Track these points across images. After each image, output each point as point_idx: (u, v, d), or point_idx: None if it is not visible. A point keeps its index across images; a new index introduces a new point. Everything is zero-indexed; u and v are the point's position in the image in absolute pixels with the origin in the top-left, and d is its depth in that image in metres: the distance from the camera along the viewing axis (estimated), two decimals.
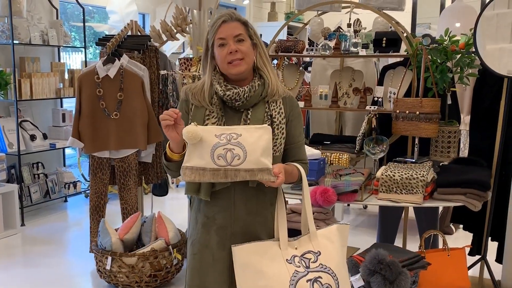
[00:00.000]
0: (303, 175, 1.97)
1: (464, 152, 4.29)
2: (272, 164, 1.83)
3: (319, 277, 1.85)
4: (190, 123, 1.81)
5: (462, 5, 4.98)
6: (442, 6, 7.55)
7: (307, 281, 1.83)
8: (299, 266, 1.86)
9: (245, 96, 1.91)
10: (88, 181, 4.01)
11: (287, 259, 1.87)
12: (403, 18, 6.11)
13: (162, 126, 1.85)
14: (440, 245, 3.19)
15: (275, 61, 4.30)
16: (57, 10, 5.68)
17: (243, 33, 1.91)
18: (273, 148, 1.90)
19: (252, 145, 1.79)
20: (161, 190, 4.59)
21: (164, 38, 4.36)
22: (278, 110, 1.97)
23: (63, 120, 5.61)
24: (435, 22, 6.72)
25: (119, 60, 3.80)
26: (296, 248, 1.90)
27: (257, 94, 1.94)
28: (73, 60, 7.17)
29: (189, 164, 1.80)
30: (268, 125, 1.91)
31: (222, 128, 1.84)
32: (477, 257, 3.46)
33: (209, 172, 1.78)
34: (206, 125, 1.91)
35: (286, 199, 3.11)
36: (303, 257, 1.89)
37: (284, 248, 1.89)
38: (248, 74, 1.96)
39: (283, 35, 6.81)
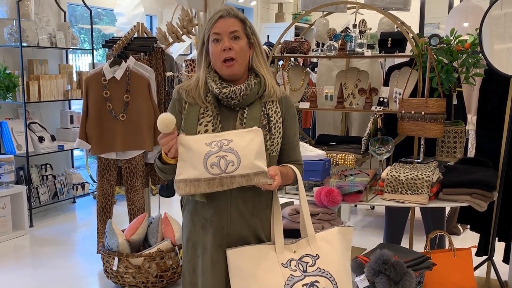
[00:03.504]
0: (299, 177, 1.94)
1: (472, 153, 4.27)
2: (268, 166, 1.81)
3: (316, 281, 1.82)
4: (182, 127, 1.76)
5: (470, 4, 4.96)
6: (451, 6, 7.52)
7: (303, 285, 1.80)
8: (295, 270, 1.83)
9: (241, 95, 1.87)
10: (96, 182, 4.04)
11: (282, 263, 1.83)
12: (412, 18, 6.08)
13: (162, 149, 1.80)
14: (447, 246, 3.18)
15: (281, 62, 4.30)
16: (65, 12, 5.72)
17: (239, 30, 1.86)
18: (270, 148, 1.88)
19: (244, 149, 1.75)
20: (168, 191, 4.61)
21: (170, 40, 4.38)
22: (274, 109, 1.92)
23: (71, 122, 5.64)
24: (444, 22, 6.69)
25: (125, 62, 3.83)
26: (294, 252, 1.87)
27: (253, 92, 1.90)
28: (82, 62, 7.22)
29: (182, 176, 1.75)
30: (265, 124, 1.88)
31: (211, 135, 1.79)
32: (484, 257, 3.44)
33: (204, 182, 1.74)
34: (201, 123, 1.87)
35: (292, 199, 3.13)
36: (301, 261, 1.86)
37: (280, 252, 1.85)
38: (242, 73, 1.91)
39: (290, 36, 6.80)
